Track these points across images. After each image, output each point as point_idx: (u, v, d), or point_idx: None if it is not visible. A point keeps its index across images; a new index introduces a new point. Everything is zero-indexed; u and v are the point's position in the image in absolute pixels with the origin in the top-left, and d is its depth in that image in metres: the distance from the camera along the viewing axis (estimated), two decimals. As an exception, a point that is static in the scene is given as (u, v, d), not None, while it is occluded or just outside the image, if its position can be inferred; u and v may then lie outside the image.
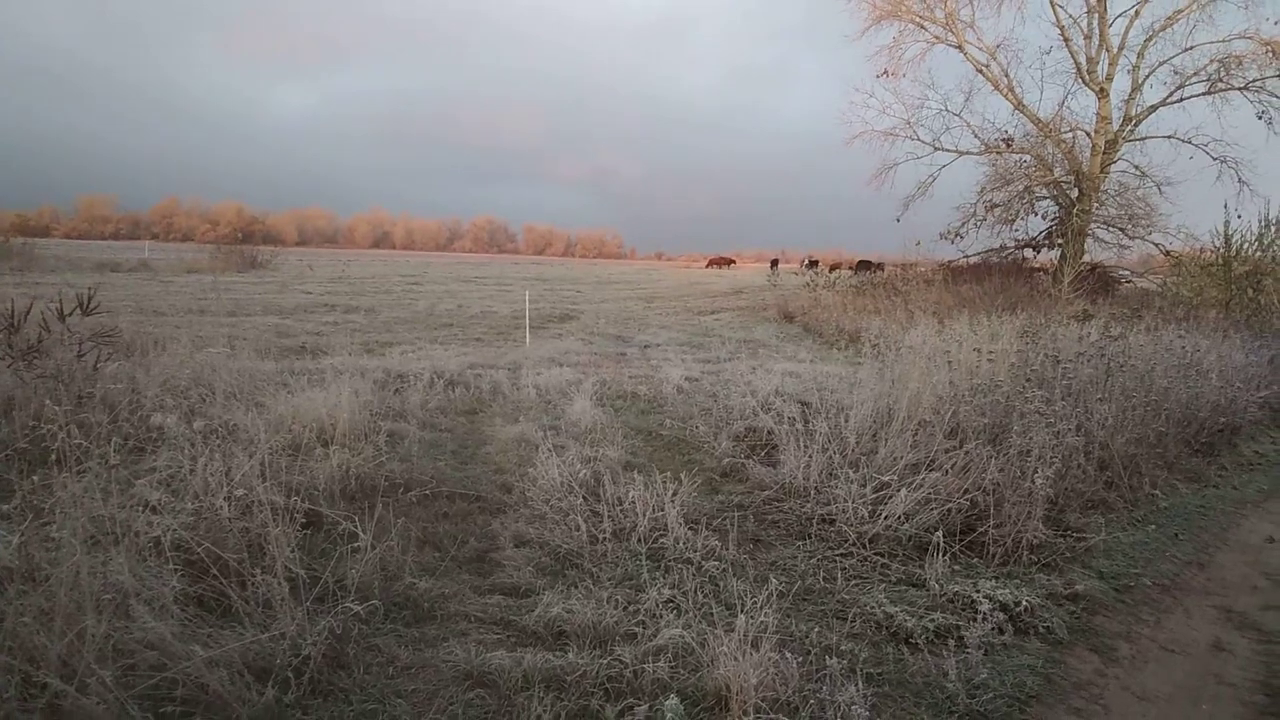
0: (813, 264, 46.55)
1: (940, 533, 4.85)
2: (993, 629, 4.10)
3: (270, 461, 4.82)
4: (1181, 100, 22.33)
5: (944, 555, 4.76)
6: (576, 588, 4.34)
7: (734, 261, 76.58)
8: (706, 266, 74.28)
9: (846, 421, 6.71)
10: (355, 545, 4.18)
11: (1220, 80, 21.70)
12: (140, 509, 4.06)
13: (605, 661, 3.52)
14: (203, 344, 10.15)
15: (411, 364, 10.77)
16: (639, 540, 4.97)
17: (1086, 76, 22.69)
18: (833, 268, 40.96)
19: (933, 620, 4.17)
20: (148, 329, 11.25)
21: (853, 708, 3.10)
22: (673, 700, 3.13)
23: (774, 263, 58.17)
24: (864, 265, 39.42)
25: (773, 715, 3.11)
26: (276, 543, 3.73)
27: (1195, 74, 21.89)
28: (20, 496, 4.14)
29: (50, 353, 7.24)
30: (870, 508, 5.37)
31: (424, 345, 13.73)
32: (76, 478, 3.72)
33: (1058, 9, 22.73)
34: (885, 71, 24.53)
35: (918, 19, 23.91)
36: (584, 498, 5.40)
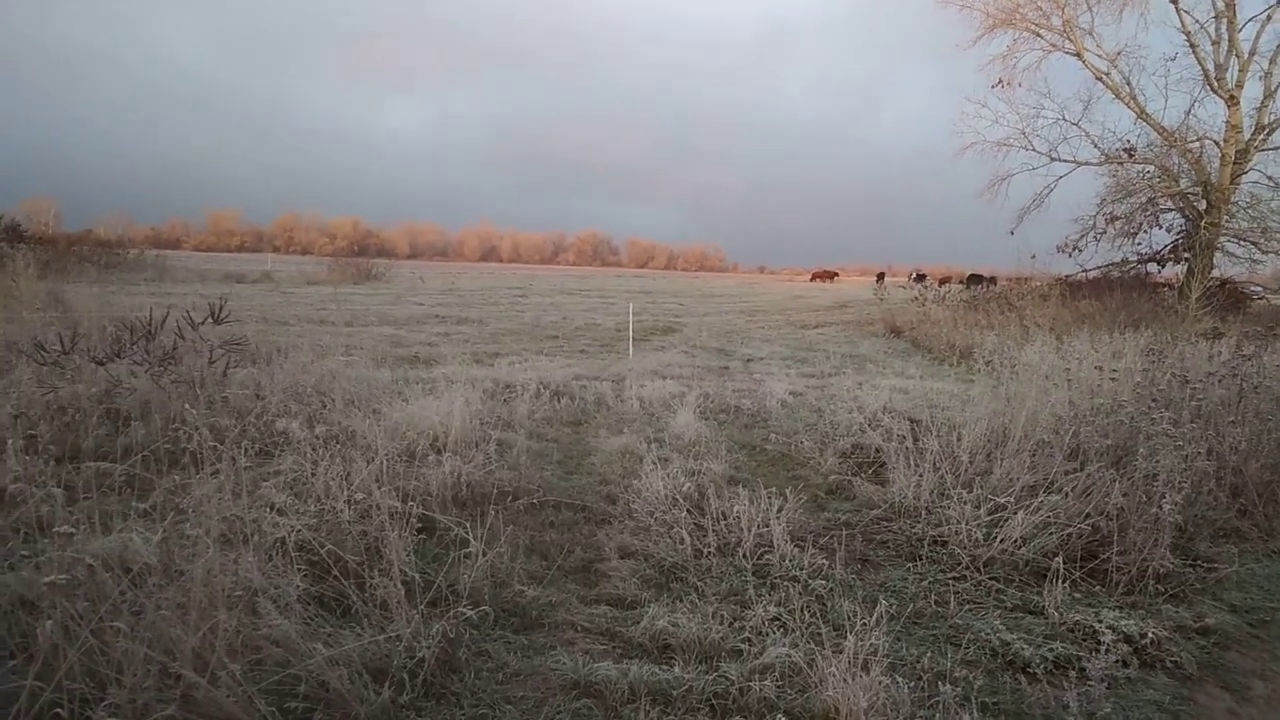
0: (920, 277, 45.41)
1: (1060, 558, 4.65)
2: (1116, 661, 3.90)
3: (387, 467, 4.99)
4: (1318, 107, 20.91)
5: (1063, 582, 4.57)
6: (681, 601, 4.33)
7: (837, 275, 75.61)
8: (810, 280, 73.50)
9: (959, 440, 6.51)
10: (467, 551, 4.28)
11: (1358, 85, 20.25)
12: (267, 510, 4.26)
13: (711, 677, 3.50)
14: (323, 352, 10.57)
15: (519, 374, 10.97)
16: (744, 556, 4.94)
17: (1215, 83, 21.44)
18: (942, 281, 39.99)
19: (1051, 650, 4.00)
20: (272, 337, 11.80)
21: (969, 737, 3.00)
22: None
23: (880, 276, 57.23)
24: (975, 279, 38.27)
25: (884, 740, 3.04)
26: (394, 546, 3.85)
27: (1331, 79, 20.49)
28: (158, 495, 4.41)
29: (183, 359, 7.67)
30: (985, 530, 5.18)
31: (530, 356, 13.97)
32: (210, 478, 3.93)
33: (1183, 14, 21.53)
34: (1000, 81, 23.74)
35: (1033, 26, 23.05)
36: (688, 511, 5.39)
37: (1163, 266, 23.83)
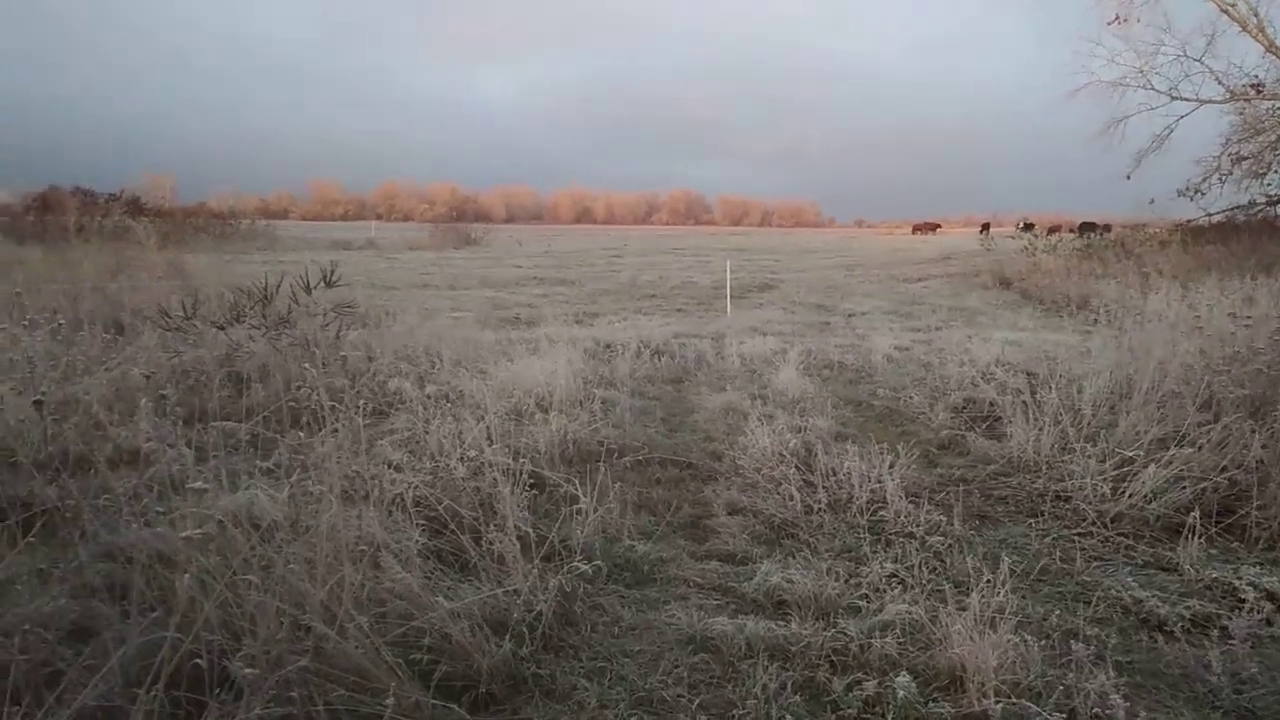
0: (1028, 227, 43.52)
1: (1195, 513, 4.40)
2: (1260, 620, 3.67)
3: (497, 425, 5.06)
4: None
5: (1199, 538, 4.33)
6: (794, 558, 4.27)
7: (940, 227, 73.36)
8: (911, 233, 71.52)
9: (1080, 393, 6.23)
10: (577, 507, 4.31)
11: None
12: (385, 467, 4.37)
13: (830, 634, 3.43)
14: (429, 315, 10.79)
15: (618, 334, 10.99)
16: (857, 512, 4.83)
17: (1352, 9, 19.80)
18: (1051, 230, 38.21)
19: (1189, 607, 3.78)
20: (379, 301, 12.11)
21: (1107, 696, 2.86)
22: (904, 677, 3.01)
23: (985, 227, 55.18)
24: (1088, 227, 36.62)
25: (1015, 700, 2.92)
26: (507, 502, 3.90)
27: None
28: (281, 453, 4.56)
29: (297, 323, 7.93)
30: (1111, 485, 4.95)
31: (629, 315, 14.00)
32: (330, 436, 4.04)
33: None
34: (1116, 17, 22.44)
35: (1154, -45, 21.70)
36: (796, 467, 5.30)
37: (1294, 209, 22.29)
